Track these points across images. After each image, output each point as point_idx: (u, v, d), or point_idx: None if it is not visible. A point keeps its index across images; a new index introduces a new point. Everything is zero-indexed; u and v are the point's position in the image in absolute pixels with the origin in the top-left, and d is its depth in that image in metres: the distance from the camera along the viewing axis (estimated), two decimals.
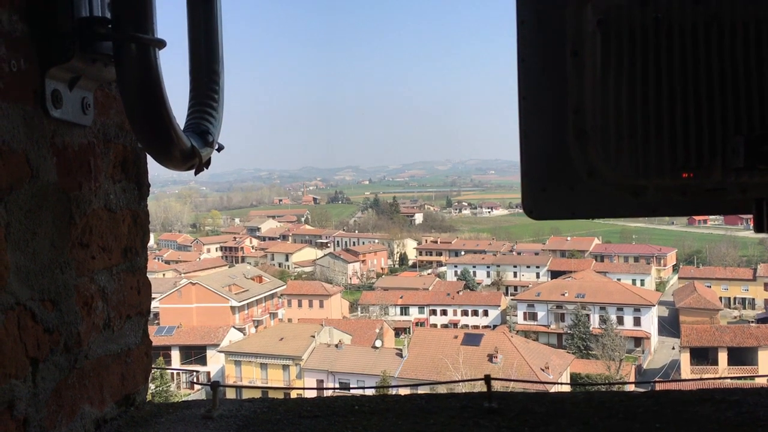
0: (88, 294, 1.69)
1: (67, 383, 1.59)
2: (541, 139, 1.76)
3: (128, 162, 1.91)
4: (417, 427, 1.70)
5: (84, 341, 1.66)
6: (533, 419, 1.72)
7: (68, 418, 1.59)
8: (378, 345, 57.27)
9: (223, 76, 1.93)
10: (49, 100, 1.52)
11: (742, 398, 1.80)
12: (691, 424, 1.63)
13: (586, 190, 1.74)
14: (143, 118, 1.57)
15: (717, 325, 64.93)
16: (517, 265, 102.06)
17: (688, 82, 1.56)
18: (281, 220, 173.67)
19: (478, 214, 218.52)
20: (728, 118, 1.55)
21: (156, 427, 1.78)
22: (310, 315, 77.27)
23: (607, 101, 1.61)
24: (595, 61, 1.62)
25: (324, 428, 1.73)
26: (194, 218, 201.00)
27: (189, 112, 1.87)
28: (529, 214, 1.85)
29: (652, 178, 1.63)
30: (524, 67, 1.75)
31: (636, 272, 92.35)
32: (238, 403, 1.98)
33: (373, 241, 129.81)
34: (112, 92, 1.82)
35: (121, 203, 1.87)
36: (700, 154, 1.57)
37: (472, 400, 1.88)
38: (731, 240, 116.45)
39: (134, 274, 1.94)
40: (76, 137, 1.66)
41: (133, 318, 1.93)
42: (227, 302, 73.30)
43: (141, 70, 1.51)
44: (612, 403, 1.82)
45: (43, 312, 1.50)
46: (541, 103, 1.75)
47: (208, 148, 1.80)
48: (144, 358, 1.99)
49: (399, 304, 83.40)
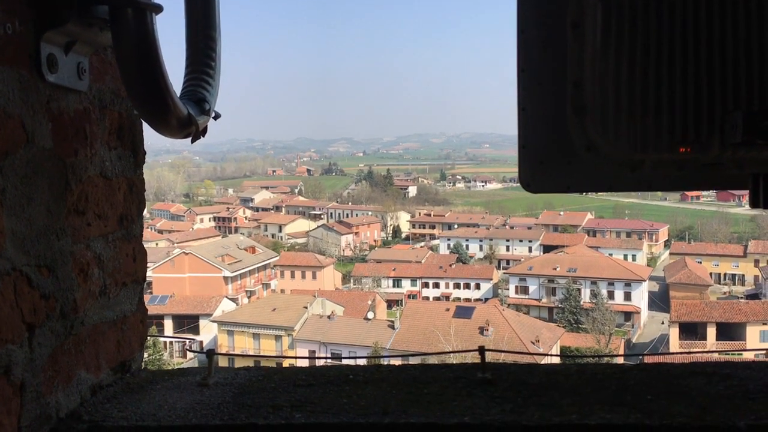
0: (84, 261, 1.69)
1: (63, 349, 1.60)
2: (540, 112, 1.75)
3: (124, 129, 1.90)
4: (411, 397, 1.72)
5: (80, 308, 1.66)
6: (526, 390, 1.74)
7: (64, 383, 1.60)
8: (370, 317, 57.63)
9: (219, 43, 1.90)
10: (44, 65, 1.50)
11: (733, 372, 1.82)
12: (682, 397, 1.65)
13: (584, 164, 1.74)
14: (139, 84, 1.55)
15: (707, 300, 65.57)
16: (510, 239, 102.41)
17: (688, 57, 1.55)
18: (275, 191, 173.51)
19: (471, 188, 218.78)
20: (727, 94, 1.55)
21: (152, 394, 1.78)
22: (302, 286, 77.56)
23: (607, 75, 1.60)
24: (595, 33, 1.60)
25: (319, 397, 1.74)
26: (187, 188, 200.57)
27: (185, 80, 1.85)
28: (526, 187, 1.85)
29: (649, 152, 1.63)
30: (524, 39, 1.74)
31: (628, 247, 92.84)
32: (233, 371, 1.99)
33: (367, 213, 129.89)
34: (108, 58, 1.80)
35: (116, 170, 1.86)
36: (698, 129, 1.57)
37: (466, 371, 1.90)
38: (723, 216, 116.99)
39: (130, 242, 1.94)
40: (72, 103, 1.64)
41: (129, 285, 1.93)
42: (220, 272, 73.46)
43: (137, 35, 1.49)
44: (604, 376, 1.83)
45: (39, 278, 1.50)
46: (540, 76, 1.74)
47: (205, 116, 1.79)
48: (139, 326, 2.00)
49: (391, 276, 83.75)
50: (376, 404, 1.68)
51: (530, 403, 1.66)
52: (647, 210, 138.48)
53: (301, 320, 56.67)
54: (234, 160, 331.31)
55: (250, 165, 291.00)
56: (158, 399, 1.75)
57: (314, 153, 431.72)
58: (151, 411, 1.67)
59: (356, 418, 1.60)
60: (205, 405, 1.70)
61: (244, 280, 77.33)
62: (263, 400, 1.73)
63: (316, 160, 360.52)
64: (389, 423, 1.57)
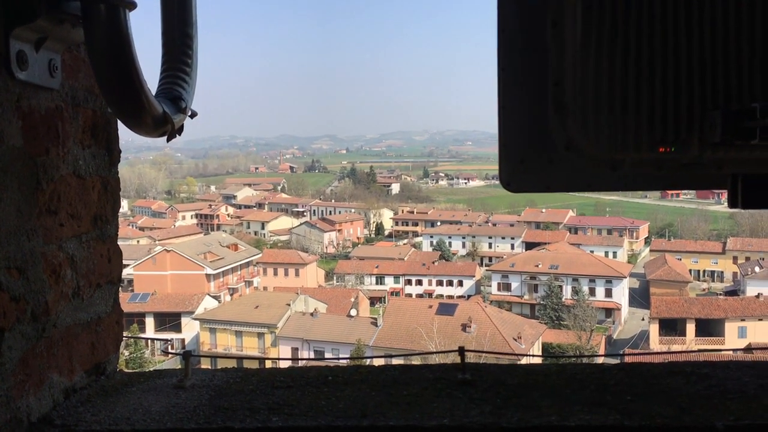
0: (56, 262, 1.65)
1: (35, 352, 1.56)
2: (520, 111, 1.74)
3: (98, 127, 1.86)
4: (390, 399, 1.70)
5: (52, 310, 1.62)
6: (506, 391, 1.73)
7: (36, 387, 1.57)
8: (353, 314, 57.62)
9: (196, 40, 1.87)
10: (14, 62, 1.46)
11: (712, 371, 1.82)
12: (662, 396, 1.65)
13: (564, 163, 1.73)
14: (113, 82, 1.52)
15: (686, 297, 66.24)
16: (493, 236, 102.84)
17: (668, 56, 1.55)
18: (257, 188, 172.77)
19: (454, 185, 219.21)
20: (707, 93, 1.55)
21: (127, 397, 1.75)
22: (285, 283, 77.37)
23: (587, 74, 1.59)
24: (575, 32, 1.59)
25: (297, 399, 1.72)
26: (169, 185, 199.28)
27: (161, 77, 1.82)
28: (506, 186, 1.83)
29: (629, 151, 1.62)
30: (504, 38, 1.72)
31: (609, 245, 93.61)
32: (210, 372, 1.96)
33: (350, 210, 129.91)
34: (80, 54, 1.76)
35: (90, 169, 1.82)
36: (677, 129, 1.56)
37: (446, 372, 1.88)
38: (702, 214, 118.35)
39: (104, 242, 1.90)
40: (43, 101, 1.60)
41: (104, 287, 1.89)
42: (202, 270, 73.06)
43: (110, 32, 1.46)
44: (584, 375, 1.83)
45: (8, 280, 1.47)
46: (520, 75, 1.73)
47: (181, 115, 1.76)
48: (115, 327, 1.96)
49: (374, 273, 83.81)
50: (355, 406, 1.66)
51: (510, 404, 1.65)
52: (628, 207, 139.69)
53: (284, 317, 56.54)
54: (216, 156, 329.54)
55: (233, 162, 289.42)
56: (133, 402, 1.72)
57: (297, 150, 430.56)
58: (125, 415, 1.64)
59: (335, 421, 1.58)
60: (180, 408, 1.67)
61: (226, 278, 76.98)
62: (240, 403, 1.70)
63: (299, 157, 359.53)
64: (368, 426, 1.56)
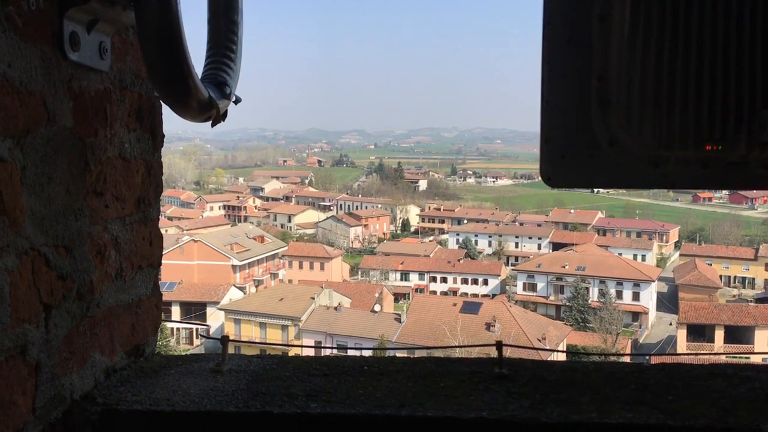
0: (102, 242, 1.67)
1: (79, 331, 1.58)
2: (563, 105, 1.72)
3: (143, 111, 1.88)
4: (427, 390, 1.70)
5: (96, 290, 1.65)
6: (544, 386, 1.71)
7: (79, 365, 1.59)
8: (377, 309, 57.65)
9: (241, 27, 1.88)
10: (67, 43, 1.48)
11: (755, 374, 1.78)
12: (703, 397, 1.62)
13: (606, 159, 1.70)
14: (162, 65, 1.52)
15: (716, 303, 65.18)
16: (519, 236, 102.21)
17: (718, 52, 1.52)
18: (285, 181, 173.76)
19: (482, 183, 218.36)
20: (756, 91, 1.52)
21: (165, 379, 1.77)
22: (310, 277, 77.71)
23: (633, 69, 1.57)
24: (623, 26, 1.57)
25: (334, 386, 1.72)
26: (198, 176, 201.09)
27: (206, 63, 1.83)
28: (547, 181, 1.81)
29: (674, 149, 1.60)
30: (549, 30, 1.70)
31: (638, 247, 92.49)
32: (246, 358, 1.97)
33: (376, 206, 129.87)
34: (129, 38, 1.78)
35: (135, 153, 1.84)
36: (725, 127, 1.54)
37: (483, 365, 1.87)
38: (735, 219, 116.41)
39: (146, 225, 1.92)
40: (93, 82, 1.62)
41: (145, 269, 1.91)
42: (228, 261, 73.67)
43: (161, 15, 1.46)
44: (623, 374, 1.80)
45: (56, 258, 1.49)
46: (564, 69, 1.70)
47: (225, 100, 1.77)
48: (154, 310, 1.98)
49: (399, 269, 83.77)
50: (392, 396, 1.66)
51: (549, 399, 1.63)
52: (658, 210, 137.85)
53: (308, 311, 56.77)
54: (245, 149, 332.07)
55: (261, 154, 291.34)
56: (172, 384, 1.74)
57: (325, 144, 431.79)
58: (165, 396, 1.65)
59: (372, 410, 1.58)
60: (219, 391, 1.68)
61: (252, 269, 77.54)
62: (278, 389, 1.71)
63: (327, 151, 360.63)
64: (406, 415, 1.55)
